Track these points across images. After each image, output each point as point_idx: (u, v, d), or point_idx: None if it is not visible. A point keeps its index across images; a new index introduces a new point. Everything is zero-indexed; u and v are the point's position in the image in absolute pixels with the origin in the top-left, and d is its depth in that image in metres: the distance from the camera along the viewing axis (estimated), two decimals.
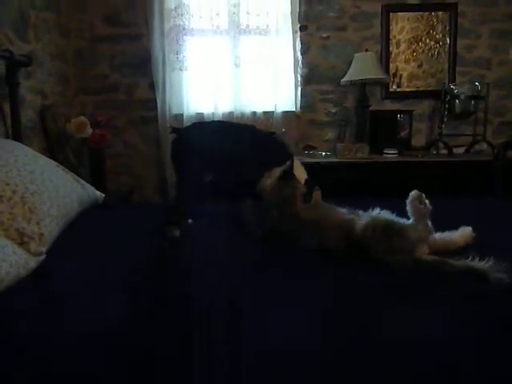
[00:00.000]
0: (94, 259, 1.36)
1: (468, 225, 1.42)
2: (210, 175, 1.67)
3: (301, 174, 1.61)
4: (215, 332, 0.91)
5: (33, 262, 1.28)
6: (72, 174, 1.94)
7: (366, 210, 1.40)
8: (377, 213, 1.36)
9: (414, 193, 1.36)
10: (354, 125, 3.26)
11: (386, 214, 1.35)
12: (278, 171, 1.50)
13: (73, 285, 1.16)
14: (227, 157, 1.59)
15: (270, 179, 1.49)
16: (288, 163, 1.51)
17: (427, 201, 1.34)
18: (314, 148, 3.18)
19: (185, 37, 3.10)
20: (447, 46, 3.34)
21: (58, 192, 1.62)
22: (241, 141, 1.66)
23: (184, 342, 0.87)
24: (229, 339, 0.88)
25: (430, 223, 1.34)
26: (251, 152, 1.61)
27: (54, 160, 2.02)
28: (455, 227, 1.41)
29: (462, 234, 1.39)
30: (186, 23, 3.09)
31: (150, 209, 1.69)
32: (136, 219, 1.68)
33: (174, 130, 1.70)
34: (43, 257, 1.34)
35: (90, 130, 2.59)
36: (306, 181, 1.57)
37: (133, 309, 1.01)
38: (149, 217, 1.62)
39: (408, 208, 1.35)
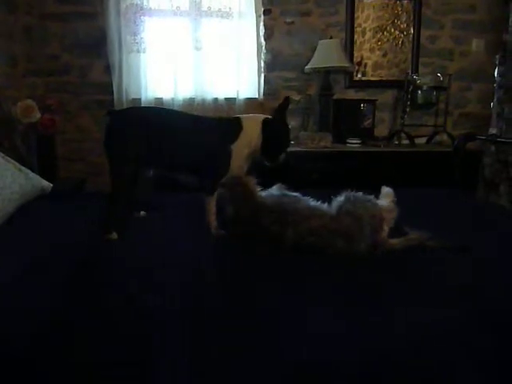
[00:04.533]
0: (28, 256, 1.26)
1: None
2: (150, 163, 1.57)
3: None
4: None
5: None
6: (14, 162, 1.80)
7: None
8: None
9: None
10: (318, 113, 3.20)
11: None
12: None
13: None
14: (169, 142, 1.50)
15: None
16: None
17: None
18: None
19: (143, 17, 2.93)
20: (411, 35, 3.32)
21: None
22: (184, 125, 1.56)
23: None
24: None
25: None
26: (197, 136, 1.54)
27: (0, 147, 1.87)
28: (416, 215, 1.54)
29: (386, 195, 1.53)
30: (144, 2, 2.92)
31: (100, 199, 1.56)
32: (82, 211, 1.56)
33: (109, 113, 1.57)
34: None
35: (37, 115, 2.42)
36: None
37: None
38: (96, 207, 1.50)
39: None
